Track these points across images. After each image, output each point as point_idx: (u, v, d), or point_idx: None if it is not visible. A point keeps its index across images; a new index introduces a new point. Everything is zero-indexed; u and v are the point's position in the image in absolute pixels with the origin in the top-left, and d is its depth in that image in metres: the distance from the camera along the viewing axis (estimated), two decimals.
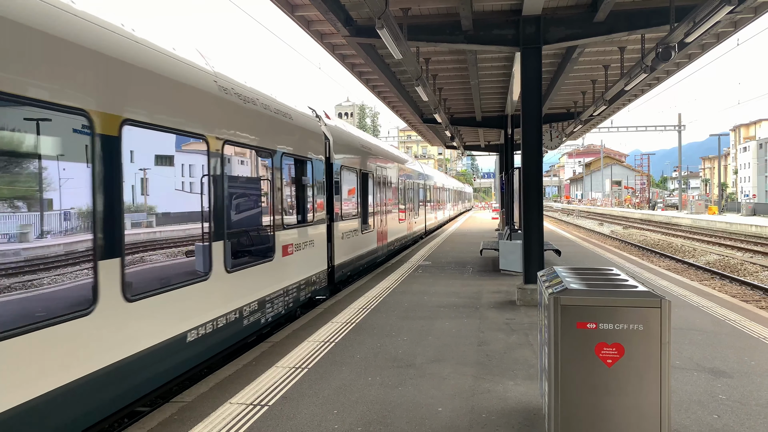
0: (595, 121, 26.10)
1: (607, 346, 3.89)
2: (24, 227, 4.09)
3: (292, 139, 9.23)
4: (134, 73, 5.22)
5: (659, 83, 18.40)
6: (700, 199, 58.31)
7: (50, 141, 4.28)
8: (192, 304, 6.07)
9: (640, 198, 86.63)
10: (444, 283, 12.33)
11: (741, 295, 14.54)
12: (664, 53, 10.01)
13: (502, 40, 10.50)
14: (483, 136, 31.04)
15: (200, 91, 6.39)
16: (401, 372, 6.22)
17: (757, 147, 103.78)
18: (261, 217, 8.02)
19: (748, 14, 11.33)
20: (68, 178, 4.44)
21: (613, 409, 3.89)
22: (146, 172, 5.47)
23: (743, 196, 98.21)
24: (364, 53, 12.40)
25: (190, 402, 5.41)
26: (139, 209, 5.34)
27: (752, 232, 33.04)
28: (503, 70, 15.73)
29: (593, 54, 14.29)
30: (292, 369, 6.37)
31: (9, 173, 3.96)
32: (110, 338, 4.76)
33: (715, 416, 4.92)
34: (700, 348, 7.05)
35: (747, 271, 18.74)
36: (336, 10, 9.86)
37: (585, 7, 10.26)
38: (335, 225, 11.73)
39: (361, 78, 16.62)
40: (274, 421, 4.93)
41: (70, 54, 4.41)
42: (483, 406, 5.20)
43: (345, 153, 12.66)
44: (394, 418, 4.94)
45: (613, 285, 4.19)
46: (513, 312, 9.32)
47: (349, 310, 9.56)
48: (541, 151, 10.57)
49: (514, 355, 6.81)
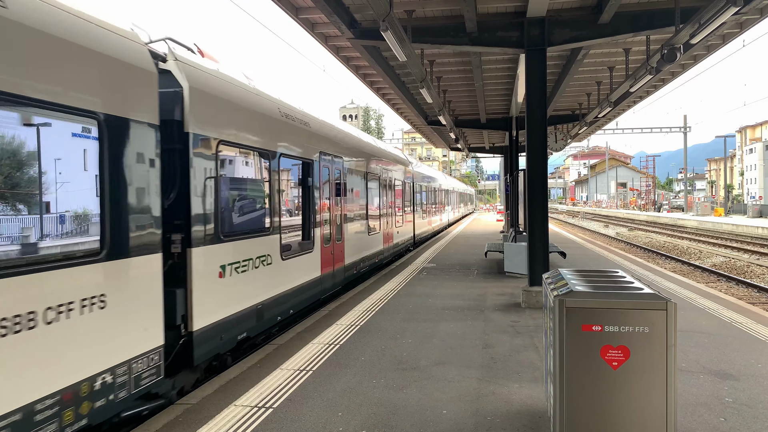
0: (600, 122, 26.03)
1: (612, 349, 3.87)
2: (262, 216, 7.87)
3: (335, 149, 11.47)
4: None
5: (664, 85, 18.34)
6: (705, 201, 58.12)
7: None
8: (305, 266, 9.49)
9: (645, 200, 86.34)
10: (448, 286, 12.32)
11: (747, 297, 14.46)
12: (669, 55, 9.98)
13: (506, 42, 10.50)
14: (487, 137, 31.00)
15: (271, 117, 8.29)
16: (406, 374, 6.21)
17: (764, 148, 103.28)
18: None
19: (753, 15, 11.29)
20: (295, 184, 9.14)
21: (619, 411, 3.88)
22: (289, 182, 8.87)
23: (749, 197, 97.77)
24: (368, 55, 12.42)
25: (195, 404, 5.42)
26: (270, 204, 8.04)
27: (759, 234, 32.86)
28: (508, 72, 15.71)
29: (598, 56, 14.26)
30: (297, 371, 6.37)
31: (235, 187, 7.21)
32: (279, 277, 8.28)
33: (722, 419, 4.89)
34: (706, 350, 7.01)
35: (753, 273, 18.64)
36: (340, 13, 9.88)
37: (589, 8, 10.24)
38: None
39: (365, 80, 16.64)
40: (278, 423, 4.93)
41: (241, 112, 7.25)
42: (488, 408, 5.19)
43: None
44: (398, 421, 4.93)
45: (619, 287, 4.17)
46: (518, 314, 9.29)
47: (354, 312, 9.55)
48: (546, 153, 10.56)
49: (519, 358, 6.79)
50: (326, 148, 10.80)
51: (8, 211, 4.01)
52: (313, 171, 10.01)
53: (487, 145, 33.99)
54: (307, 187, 9.80)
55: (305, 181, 9.76)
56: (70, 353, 4.23)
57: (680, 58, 10.25)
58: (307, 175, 9.82)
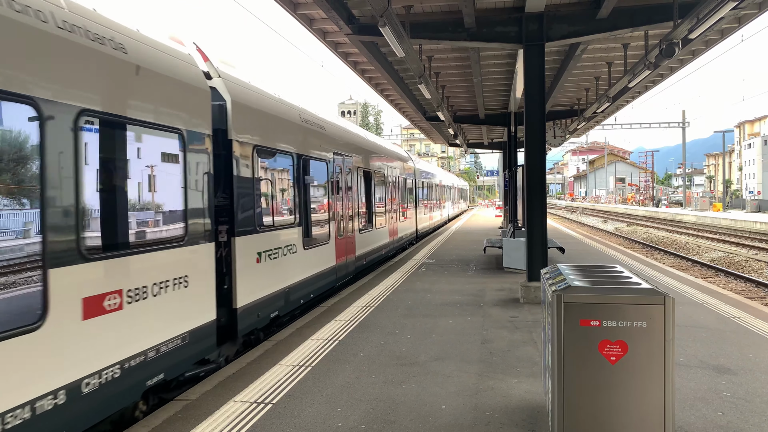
0: (598, 118, 26.03)
1: (610, 344, 3.88)
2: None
3: (347, 149, 12.50)
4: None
5: (663, 80, 18.34)
6: (704, 196, 58.10)
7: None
8: (323, 256, 10.61)
9: (644, 195, 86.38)
10: (447, 281, 12.33)
11: (746, 292, 14.49)
12: (667, 50, 9.98)
13: (504, 38, 10.48)
14: (486, 133, 31.00)
15: (294, 123, 9.37)
16: (405, 370, 6.22)
17: (762, 143, 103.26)
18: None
19: (752, 10, 11.28)
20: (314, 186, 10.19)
21: (617, 406, 3.89)
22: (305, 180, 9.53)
23: (748, 192, 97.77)
24: (366, 51, 12.39)
25: (194, 400, 5.43)
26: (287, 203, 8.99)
27: (757, 228, 32.92)
28: (506, 68, 15.70)
29: (596, 51, 14.25)
30: (296, 367, 6.39)
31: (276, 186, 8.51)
32: (302, 264, 9.38)
33: (720, 413, 4.91)
34: (704, 345, 7.03)
35: (752, 268, 18.67)
36: (338, 8, 9.86)
37: (588, 3, 10.22)
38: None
39: (363, 76, 16.61)
40: (278, 419, 4.94)
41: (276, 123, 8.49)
42: (486, 403, 5.20)
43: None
44: (397, 416, 4.94)
45: (617, 282, 4.18)
46: (517, 309, 9.31)
47: (353, 308, 9.57)
48: (545, 149, 10.56)
49: (518, 353, 6.80)
50: (339, 149, 11.80)
51: (147, 207, 5.48)
52: (328, 170, 11.09)
53: (485, 141, 33.97)
54: (323, 184, 10.79)
55: (321, 179, 10.73)
56: (164, 316, 5.44)
57: (679, 53, 10.25)
58: (323, 174, 10.81)
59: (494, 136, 32.30)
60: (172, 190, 5.75)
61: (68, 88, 4.33)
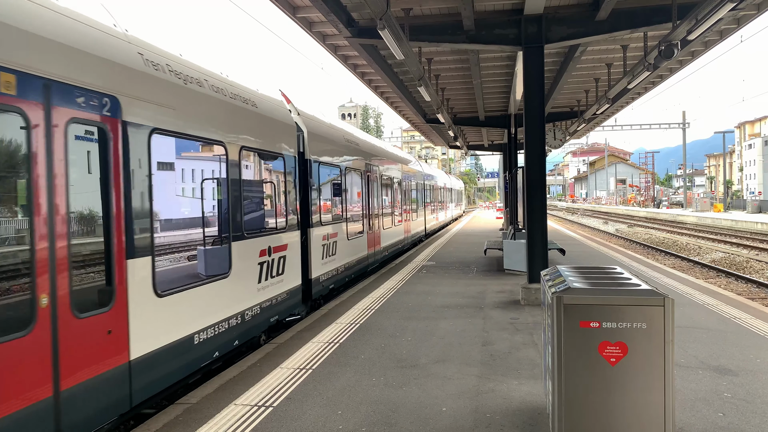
0: (598, 119, 26.03)
1: (610, 345, 3.88)
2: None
3: (375, 160, 15.48)
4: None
5: (663, 81, 18.34)
6: (705, 197, 58.01)
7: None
8: (359, 245, 13.42)
9: (644, 196, 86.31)
10: (448, 283, 12.33)
11: (747, 293, 14.48)
12: (666, 51, 9.99)
13: (504, 40, 10.50)
14: (486, 135, 31.01)
15: (340, 143, 12.33)
16: (405, 372, 6.22)
17: (763, 144, 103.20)
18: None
19: (750, 11, 11.29)
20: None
21: (617, 407, 3.89)
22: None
23: (749, 193, 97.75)
24: (366, 54, 12.41)
25: (195, 403, 5.43)
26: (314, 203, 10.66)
27: (758, 229, 32.88)
28: (506, 70, 15.72)
29: (596, 52, 14.26)
30: (297, 370, 6.39)
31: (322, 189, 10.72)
32: (347, 251, 12.20)
33: (720, 414, 4.91)
34: (705, 346, 7.02)
35: (753, 268, 18.65)
36: (338, 12, 9.88)
37: (587, 5, 10.24)
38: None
39: (363, 79, 16.63)
40: (278, 422, 4.94)
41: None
42: (487, 405, 5.20)
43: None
44: (398, 419, 4.94)
45: (617, 283, 4.18)
46: (517, 311, 9.31)
47: (354, 310, 9.56)
48: (545, 150, 10.57)
49: (519, 355, 6.80)
50: (369, 160, 14.86)
51: (273, 206, 8.66)
52: (362, 177, 14.11)
53: (486, 143, 33.99)
54: (359, 189, 13.87)
55: (358, 185, 13.72)
56: (279, 276, 8.38)
57: (678, 54, 10.26)
58: (359, 181, 13.91)
59: (494, 137, 32.31)
60: (281, 196, 8.85)
61: (240, 134, 7.23)
